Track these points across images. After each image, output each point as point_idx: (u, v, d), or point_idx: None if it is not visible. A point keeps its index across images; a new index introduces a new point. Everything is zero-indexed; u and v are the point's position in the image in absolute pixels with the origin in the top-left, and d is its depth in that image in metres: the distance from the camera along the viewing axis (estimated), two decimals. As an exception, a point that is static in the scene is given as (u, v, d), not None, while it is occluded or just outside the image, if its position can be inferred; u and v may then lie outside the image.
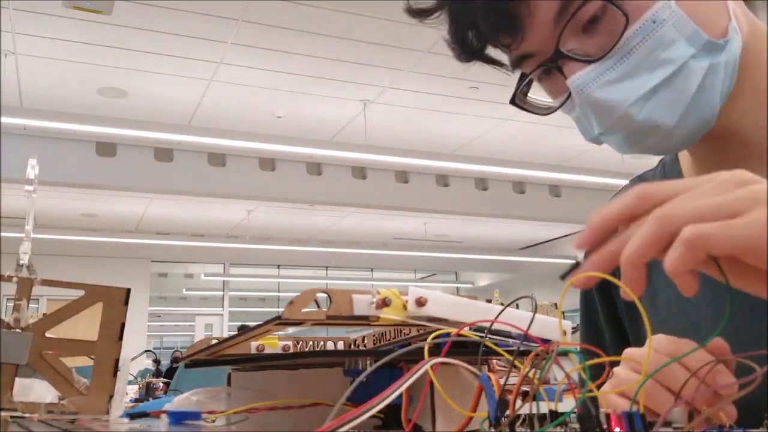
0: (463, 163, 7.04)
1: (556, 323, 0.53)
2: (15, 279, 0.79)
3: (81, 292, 0.80)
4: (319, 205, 7.90)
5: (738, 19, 0.59)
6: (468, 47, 0.65)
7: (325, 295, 0.48)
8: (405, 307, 0.49)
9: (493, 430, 0.33)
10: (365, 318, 0.49)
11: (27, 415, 0.73)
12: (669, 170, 0.75)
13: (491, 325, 0.61)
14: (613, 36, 0.57)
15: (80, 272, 9.38)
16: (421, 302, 0.50)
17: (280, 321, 0.49)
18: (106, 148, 6.42)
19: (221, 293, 12.57)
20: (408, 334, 0.69)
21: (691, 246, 0.34)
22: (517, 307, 0.63)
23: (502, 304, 0.58)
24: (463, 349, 0.56)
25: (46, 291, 0.98)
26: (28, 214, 0.85)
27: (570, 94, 0.61)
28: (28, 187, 0.88)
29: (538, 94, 0.67)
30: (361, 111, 6.07)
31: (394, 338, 0.73)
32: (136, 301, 5.95)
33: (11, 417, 0.72)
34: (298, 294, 0.48)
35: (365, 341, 0.80)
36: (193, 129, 6.13)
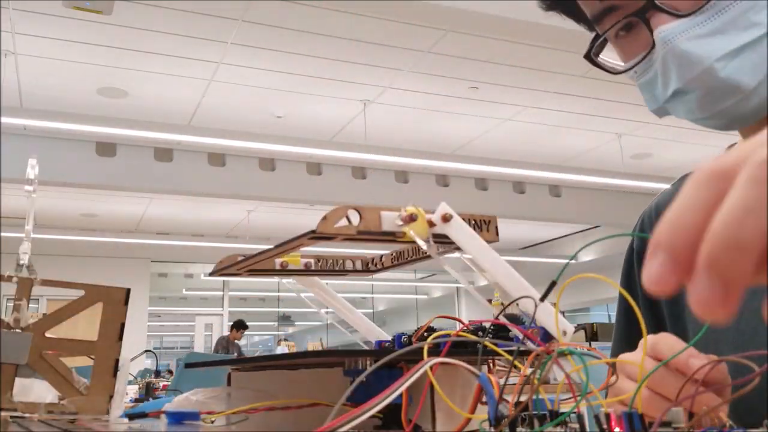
0: (463, 163, 7.03)
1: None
2: (15, 279, 0.79)
3: (81, 292, 0.80)
4: (319, 205, 7.90)
5: None
6: None
7: (355, 211, 0.50)
8: (431, 225, 0.51)
9: (493, 430, 0.33)
10: (392, 234, 0.51)
11: (27, 415, 0.73)
12: None
13: (491, 325, 0.61)
14: None
15: (80, 272, 9.38)
16: (445, 218, 0.53)
17: (313, 235, 0.50)
18: (106, 148, 6.42)
19: (221, 293, 12.57)
20: (425, 252, 0.69)
21: None
22: (517, 306, 0.63)
23: (502, 304, 0.58)
24: (463, 348, 0.56)
25: (46, 291, 0.98)
26: (28, 214, 0.85)
27: (646, 54, 0.61)
28: (28, 187, 0.88)
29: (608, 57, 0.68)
30: (361, 111, 6.07)
31: (412, 257, 0.73)
32: (136, 301, 5.95)
33: (11, 417, 0.72)
34: (332, 209, 0.49)
35: (383, 259, 0.80)
36: (193, 129, 6.13)
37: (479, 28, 4.35)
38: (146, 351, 3.66)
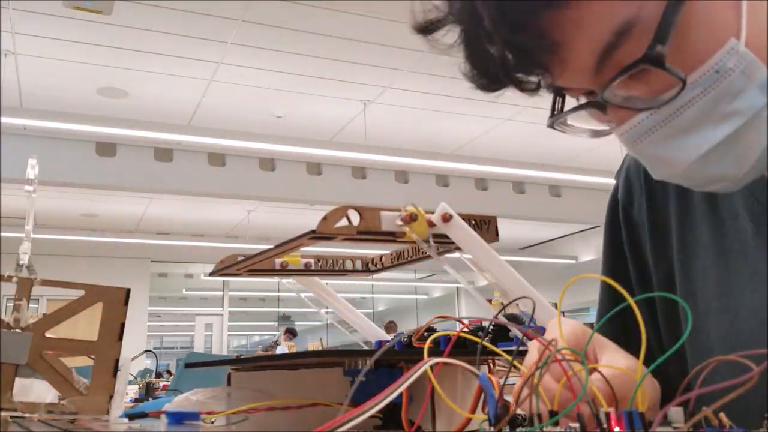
0: (463, 163, 7.03)
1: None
2: (15, 279, 0.79)
3: (81, 292, 0.80)
4: (319, 205, 7.90)
5: None
6: (491, 76, 0.55)
7: (355, 211, 0.49)
8: (431, 225, 0.50)
9: (493, 429, 0.33)
10: (392, 234, 0.50)
11: (27, 415, 0.73)
12: None
13: (490, 325, 0.61)
14: (666, 84, 0.48)
15: (80, 272, 9.38)
16: (445, 218, 0.52)
17: (313, 235, 0.49)
18: (106, 148, 6.42)
19: (221, 293, 12.57)
20: (425, 252, 0.68)
21: None
22: (517, 306, 0.63)
23: (502, 303, 0.58)
24: (463, 348, 0.56)
25: (46, 291, 0.98)
26: (28, 214, 0.85)
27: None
28: (28, 187, 0.88)
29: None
30: (361, 111, 6.07)
31: (412, 257, 0.73)
32: (136, 301, 5.94)
33: (11, 417, 0.72)
34: (332, 209, 0.49)
35: (383, 259, 0.80)
36: (193, 129, 6.13)
37: (479, 28, 4.35)
38: (146, 351, 3.65)
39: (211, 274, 0.76)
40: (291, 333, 9.51)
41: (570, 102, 0.56)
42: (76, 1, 4.02)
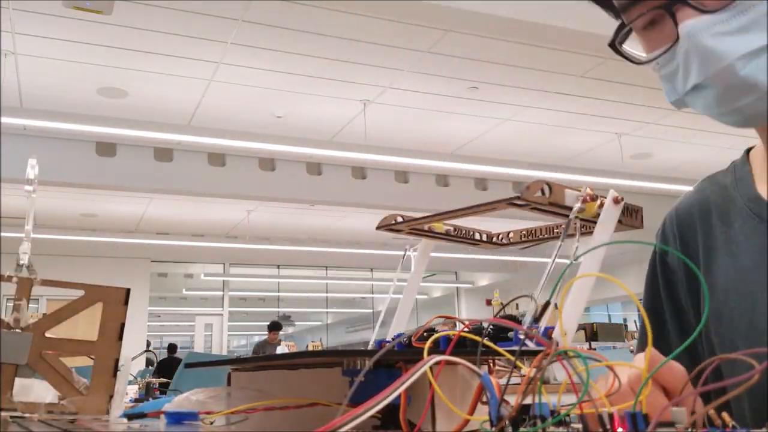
0: (463, 163, 7.03)
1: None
2: (15, 279, 0.79)
3: (81, 292, 0.80)
4: (319, 205, 7.90)
5: None
6: None
7: (547, 185, 0.58)
8: (601, 206, 0.58)
9: (494, 430, 0.33)
10: (569, 208, 0.59)
11: (27, 415, 0.73)
12: (739, 171, 0.76)
13: (489, 325, 0.61)
14: None
15: (80, 272, 9.38)
16: (617, 200, 0.58)
17: (514, 200, 0.59)
18: (106, 148, 6.42)
19: (221, 293, 12.57)
20: (559, 232, 0.72)
21: None
22: (517, 306, 0.63)
23: (501, 303, 0.58)
24: (462, 348, 0.56)
25: (46, 291, 0.98)
26: (28, 214, 0.85)
27: (670, 46, 0.62)
28: (28, 187, 0.88)
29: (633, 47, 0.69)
30: (361, 111, 6.07)
31: (543, 235, 0.75)
32: (136, 301, 5.94)
33: (11, 417, 0.72)
34: (532, 182, 0.58)
35: (510, 235, 0.82)
36: (193, 129, 6.13)
37: (479, 28, 4.35)
38: (146, 351, 3.66)
39: (377, 228, 0.79)
40: (275, 328, 9.08)
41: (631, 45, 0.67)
42: (76, 1, 4.02)
